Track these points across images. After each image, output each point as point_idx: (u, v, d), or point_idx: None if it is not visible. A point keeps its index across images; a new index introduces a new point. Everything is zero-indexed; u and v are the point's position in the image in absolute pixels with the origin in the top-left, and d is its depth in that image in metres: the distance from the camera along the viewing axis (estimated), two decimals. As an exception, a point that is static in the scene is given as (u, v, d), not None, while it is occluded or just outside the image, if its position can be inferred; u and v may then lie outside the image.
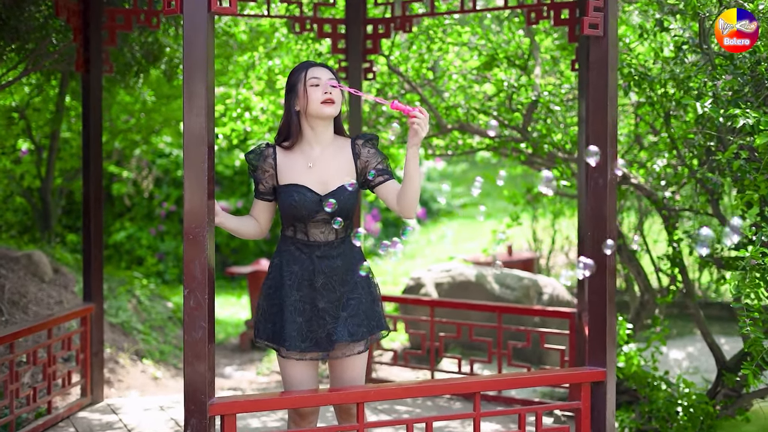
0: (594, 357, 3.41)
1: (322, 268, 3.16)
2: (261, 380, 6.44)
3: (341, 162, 3.21)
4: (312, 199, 3.14)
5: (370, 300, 3.22)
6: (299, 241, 3.20)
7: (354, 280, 3.19)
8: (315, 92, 3.14)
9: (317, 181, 3.18)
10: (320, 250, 3.17)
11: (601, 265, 3.38)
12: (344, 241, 3.22)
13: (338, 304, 3.16)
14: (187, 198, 2.89)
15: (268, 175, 3.22)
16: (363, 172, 3.23)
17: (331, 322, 3.14)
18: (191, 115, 2.88)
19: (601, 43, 3.36)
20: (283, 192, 3.18)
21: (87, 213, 4.88)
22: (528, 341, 4.93)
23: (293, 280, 3.17)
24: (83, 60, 4.82)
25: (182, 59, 2.91)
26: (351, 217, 3.23)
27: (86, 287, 4.92)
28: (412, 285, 6.77)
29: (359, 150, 3.23)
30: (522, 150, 5.73)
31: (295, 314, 3.15)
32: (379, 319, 3.23)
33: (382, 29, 5.19)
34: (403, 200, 3.11)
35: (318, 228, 3.18)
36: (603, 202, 3.38)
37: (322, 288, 3.15)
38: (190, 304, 2.89)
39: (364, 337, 3.17)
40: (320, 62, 3.28)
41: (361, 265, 3.18)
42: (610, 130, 3.37)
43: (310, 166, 3.19)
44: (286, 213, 3.17)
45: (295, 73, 3.22)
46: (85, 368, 4.89)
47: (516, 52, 5.71)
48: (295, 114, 3.20)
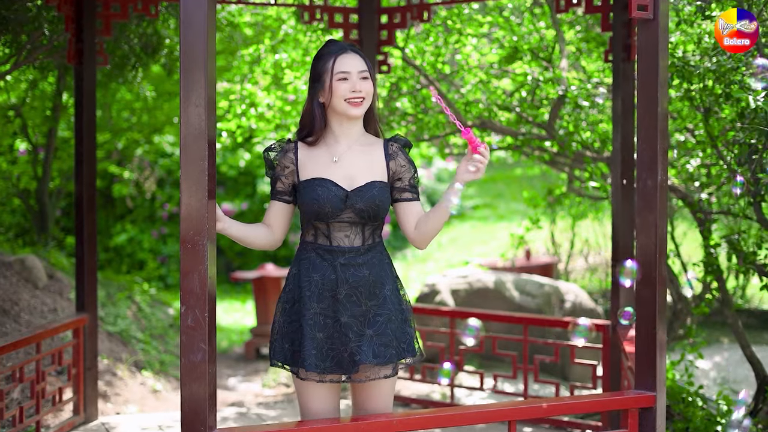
0: (642, 379, 3.04)
1: (345, 277, 2.76)
2: (267, 393, 6.08)
3: (371, 159, 2.83)
4: (337, 194, 2.75)
5: (401, 319, 2.82)
6: (320, 246, 2.81)
7: (383, 294, 2.79)
8: (342, 88, 2.75)
9: (343, 176, 2.79)
10: (344, 257, 2.78)
11: (650, 275, 3.01)
12: (373, 248, 2.83)
13: (363, 320, 2.76)
14: (184, 201, 2.52)
15: (288, 171, 2.84)
16: (395, 177, 2.84)
17: (355, 340, 2.73)
18: (189, 105, 2.52)
19: (650, 26, 3.00)
20: (305, 187, 2.79)
21: (80, 215, 4.52)
22: (556, 356, 4.55)
23: (313, 291, 2.77)
24: (75, 51, 4.45)
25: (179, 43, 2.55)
26: (380, 221, 2.85)
27: (79, 296, 4.55)
28: (426, 292, 6.40)
29: (394, 152, 2.85)
30: (546, 149, 5.36)
31: (314, 329, 2.75)
32: (409, 342, 2.82)
33: (398, 19, 4.82)
34: (424, 228, 2.81)
35: (342, 231, 2.79)
36: (652, 206, 3.01)
37: (346, 300, 2.75)
38: (188, 323, 2.52)
39: (391, 360, 2.76)
40: (351, 45, 2.84)
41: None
42: (660, 123, 3.00)
43: (336, 161, 2.80)
44: (308, 211, 2.78)
45: (321, 59, 2.81)
46: (78, 384, 4.53)
47: (540, 44, 5.33)
48: (318, 105, 2.82)
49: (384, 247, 2.92)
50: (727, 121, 4.60)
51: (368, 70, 2.81)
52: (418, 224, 2.83)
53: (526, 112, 5.21)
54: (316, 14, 4.83)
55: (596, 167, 5.12)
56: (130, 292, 7.24)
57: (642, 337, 3.04)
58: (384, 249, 2.91)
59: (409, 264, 10.89)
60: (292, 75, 5.83)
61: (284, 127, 5.92)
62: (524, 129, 5.34)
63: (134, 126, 8.88)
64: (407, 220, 2.85)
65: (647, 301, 3.03)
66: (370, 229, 2.83)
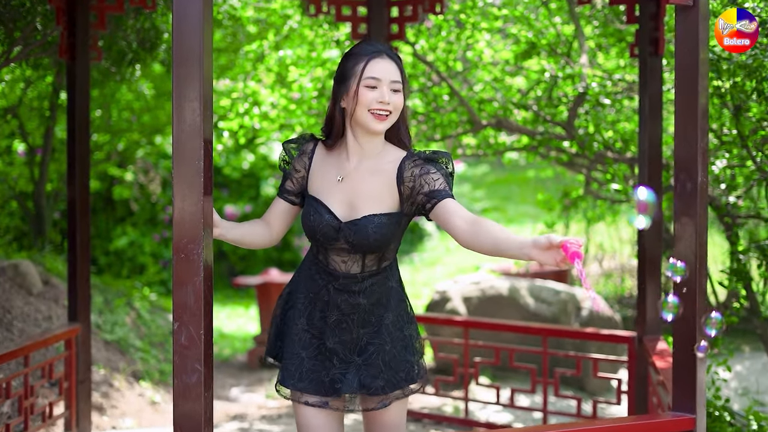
0: (681, 401, 2.77)
1: (338, 303, 2.51)
2: (271, 405, 5.81)
3: (378, 184, 2.49)
4: (330, 224, 2.48)
5: (401, 347, 2.55)
6: (320, 263, 2.56)
7: (381, 323, 2.53)
8: (368, 97, 2.43)
9: (343, 201, 2.50)
10: (338, 282, 2.52)
11: (691, 287, 2.75)
12: (375, 275, 2.53)
13: (353, 347, 2.52)
14: (178, 205, 2.26)
15: (299, 175, 2.58)
16: (410, 200, 2.48)
17: (339, 367, 2.50)
18: (182, 100, 2.26)
19: (690, 14, 2.75)
20: (306, 204, 2.55)
21: (73, 220, 4.26)
22: (578, 369, 4.28)
23: (306, 305, 2.55)
24: (68, 46, 4.20)
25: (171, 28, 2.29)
26: (384, 252, 2.54)
27: (71, 305, 4.30)
28: (437, 299, 6.12)
29: (407, 175, 2.47)
30: (565, 149, 5.09)
31: (298, 345, 2.53)
32: (408, 371, 2.55)
33: (409, 12, 4.56)
34: (479, 239, 2.30)
35: (339, 255, 2.52)
36: (692, 210, 2.74)
37: (335, 325, 2.51)
38: (181, 341, 2.26)
39: (381, 392, 2.49)
40: (389, 49, 2.51)
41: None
42: (700, 120, 2.74)
43: (339, 180, 2.51)
44: (305, 230, 2.54)
45: (351, 59, 2.50)
46: (70, 398, 4.27)
47: (557, 40, 5.06)
48: (340, 111, 2.51)
49: (393, 269, 2.60)
50: (756, 119, 4.34)
51: (402, 82, 2.50)
52: (471, 231, 2.32)
53: (543, 111, 4.94)
54: (323, 6, 4.57)
55: (618, 168, 4.85)
56: (129, 298, 6.98)
57: (680, 354, 2.78)
58: (392, 272, 2.59)
59: (417, 268, 10.61)
60: (297, 72, 5.57)
61: (289, 127, 5.66)
62: (541, 128, 5.07)
63: (134, 126, 8.62)
64: (445, 221, 2.39)
65: (686, 316, 2.76)
66: (373, 257, 2.53)
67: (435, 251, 11.30)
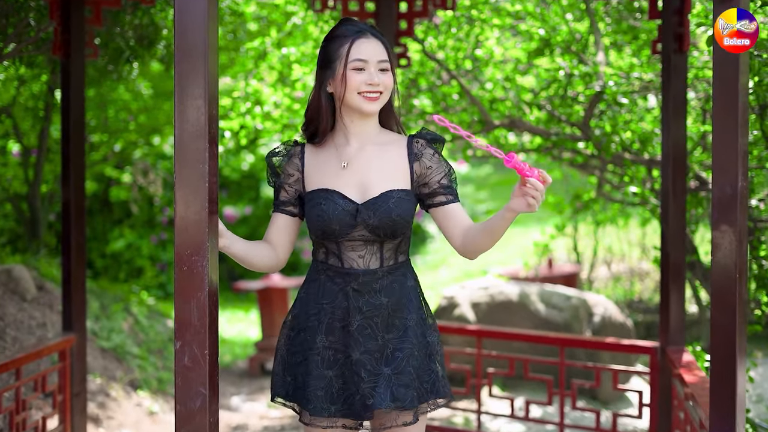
0: (719, 421, 2.58)
1: (359, 305, 2.32)
2: (273, 415, 5.61)
3: (389, 162, 2.37)
4: (345, 209, 2.30)
5: (425, 354, 2.36)
6: (331, 267, 2.36)
7: (405, 325, 2.34)
8: (356, 79, 2.30)
9: (354, 184, 2.34)
10: (358, 281, 2.33)
11: (728, 300, 2.56)
12: (394, 270, 2.37)
13: (380, 356, 2.32)
14: (180, 213, 2.07)
15: (293, 179, 2.39)
16: (421, 181, 2.38)
17: (369, 381, 2.29)
18: (185, 97, 2.06)
19: (729, 5, 2.56)
20: (310, 201, 2.35)
21: (67, 224, 4.06)
22: (597, 381, 4.09)
23: (321, 320, 2.34)
24: (62, 42, 4.00)
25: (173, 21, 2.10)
26: (403, 236, 2.38)
27: (66, 313, 4.09)
28: (444, 305, 5.93)
29: (420, 151, 2.38)
30: (580, 150, 4.89)
31: (322, 366, 2.32)
32: (434, 382, 2.36)
33: (419, 6, 4.37)
34: (471, 245, 2.34)
35: (355, 250, 2.34)
36: (731, 217, 2.55)
37: (359, 332, 2.31)
38: (184, 362, 2.07)
39: (412, 405, 2.29)
40: (371, 27, 2.38)
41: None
42: (741, 118, 2.54)
43: (344, 166, 2.35)
44: (313, 229, 2.34)
45: (334, 41, 2.35)
46: (65, 411, 4.07)
47: (571, 36, 4.87)
48: (327, 97, 2.36)
49: (409, 267, 2.45)
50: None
51: (389, 60, 2.37)
52: (467, 234, 2.35)
53: (558, 110, 4.75)
54: (329, 2, 4.38)
55: (636, 170, 4.66)
56: (126, 302, 6.78)
57: (719, 374, 2.58)
58: (409, 269, 2.44)
59: (420, 271, 10.41)
60: (301, 71, 5.37)
61: (292, 127, 5.46)
62: (555, 129, 4.87)
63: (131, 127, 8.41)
64: (446, 226, 2.39)
65: (725, 331, 2.56)
66: (390, 247, 2.37)
67: (438, 254, 11.10)
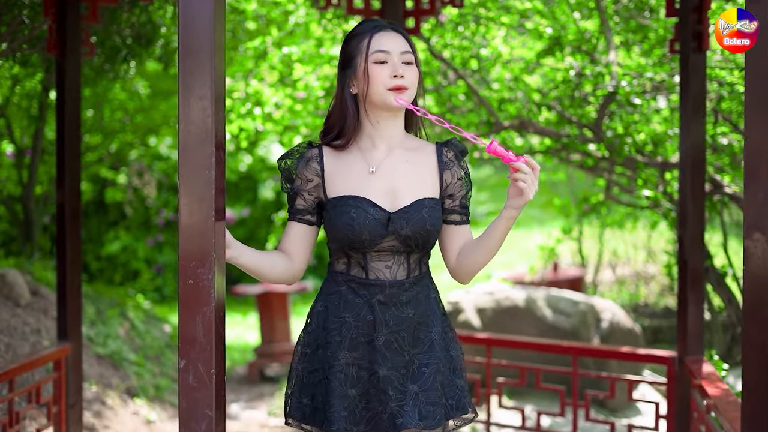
0: (752, 438, 2.44)
1: (385, 319, 2.19)
2: (273, 423, 5.47)
3: (419, 168, 2.24)
4: (377, 218, 2.17)
5: (449, 369, 2.25)
6: (354, 279, 2.22)
7: (430, 338, 2.22)
8: (380, 73, 2.17)
9: (382, 191, 2.21)
10: (384, 293, 2.20)
11: (762, 313, 2.42)
12: (419, 281, 2.24)
13: (406, 372, 2.19)
14: (184, 221, 1.92)
15: (312, 185, 2.24)
16: (446, 192, 2.28)
17: (396, 399, 2.16)
18: (190, 97, 1.92)
19: (761, 2, 2.43)
20: (335, 207, 2.20)
21: (62, 228, 3.91)
22: (611, 391, 3.96)
23: (344, 335, 2.20)
24: (57, 40, 3.85)
25: (177, 17, 1.95)
26: (430, 247, 2.26)
27: (61, 321, 3.94)
28: (449, 310, 5.79)
29: (450, 162, 2.28)
30: (590, 152, 4.76)
31: (345, 384, 2.18)
32: (459, 398, 2.25)
33: (426, 4, 4.23)
34: (466, 261, 2.26)
35: (382, 261, 2.21)
36: (764, 224, 2.42)
37: (385, 348, 2.18)
38: (189, 382, 1.92)
39: (440, 424, 2.17)
40: (391, 23, 2.26)
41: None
42: (774, 120, 2.41)
43: (373, 171, 2.22)
44: (338, 238, 2.20)
45: (353, 40, 2.24)
46: (60, 423, 3.92)
47: (581, 35, 4.73)
48: (350, 98, 2.23)
49: (431, 277, 2.34)
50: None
51: (412, 53, 2.23)
52: (464, 252, 2.27)
53: (568, 111, 4.61)
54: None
55: (649, 173, 4.52)
56: (122, 307, 6.63)
57: (751, 391, 2.44)
58: (431, 279, 2.33)
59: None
60: (303, 70, 5.22)
61: (293, 128, 5.32)
62: (564, 130, 4.74)
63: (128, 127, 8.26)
64: (451, 246, 2.30)
65: (758, 346, 2.43)
66: (417, 258, 2.25)
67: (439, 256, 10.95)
